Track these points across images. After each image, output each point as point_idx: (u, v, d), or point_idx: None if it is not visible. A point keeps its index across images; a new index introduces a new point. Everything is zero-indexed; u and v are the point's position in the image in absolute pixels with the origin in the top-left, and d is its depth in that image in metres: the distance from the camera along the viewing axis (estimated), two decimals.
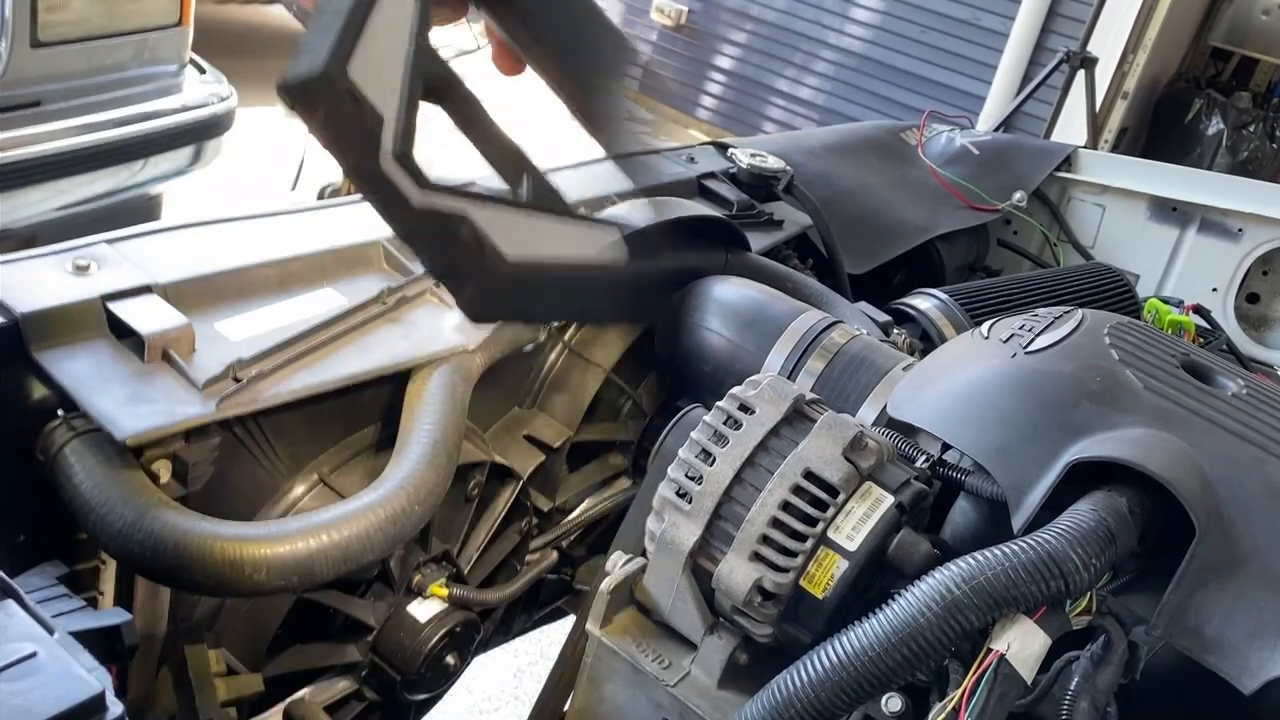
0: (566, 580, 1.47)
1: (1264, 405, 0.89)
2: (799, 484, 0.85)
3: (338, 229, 1.27)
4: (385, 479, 1.00)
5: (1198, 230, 2.37)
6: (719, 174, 1.78)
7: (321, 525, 0.93)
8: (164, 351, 1.00)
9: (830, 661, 0.75)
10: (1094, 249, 2.45)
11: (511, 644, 1.54)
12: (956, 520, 0.93)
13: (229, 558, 0.89)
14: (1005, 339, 0.96)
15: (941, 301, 1.71)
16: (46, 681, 0.60)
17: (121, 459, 0.92)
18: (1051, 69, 3.71)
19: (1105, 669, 0.77)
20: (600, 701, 0.94)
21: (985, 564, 0.73)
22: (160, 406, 0.97)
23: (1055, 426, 0.85)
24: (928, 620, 0.72)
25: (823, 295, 1.53)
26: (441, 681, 1.20)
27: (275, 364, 1.04)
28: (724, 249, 1.54)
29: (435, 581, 1.19)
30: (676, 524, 0.88)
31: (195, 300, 1.08)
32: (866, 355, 1.30)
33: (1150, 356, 0.90)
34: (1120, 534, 0.76)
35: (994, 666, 0.73)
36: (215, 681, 1.08)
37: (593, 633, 0.92)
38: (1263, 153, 5.88)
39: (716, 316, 1.40)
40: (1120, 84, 5.31)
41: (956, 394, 0.93)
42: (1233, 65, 6.49)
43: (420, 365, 1.14)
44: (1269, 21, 5.98)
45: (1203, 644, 0.76)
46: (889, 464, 0.88)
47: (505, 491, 1.31)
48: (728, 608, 0.87)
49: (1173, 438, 0.83)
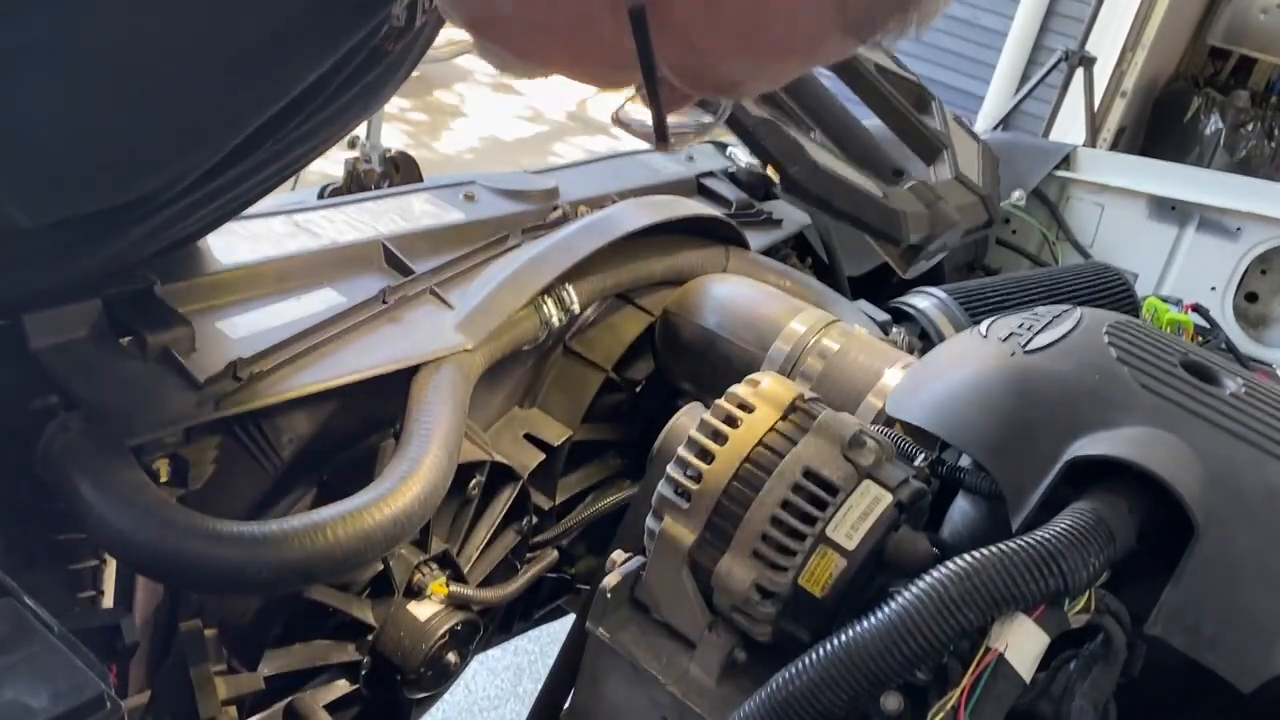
0: (566, 579, 1.48)
1: (1263, 404, 0.89)
2: (798, 482, 0.85)
3: (338, 229, 1.27)
4: (385, 478, 1.00)
5: (1196, 229, 2.37)
6: (718, 173, 1.78)
7: (322, 524, 0.93)
8: (164, 350, 1.00)
9: (828, 660, 0.75)
10: (1093, 248, 2.45)
11: (511, 643, 1.55)
12: (955, 519, 0.93)
13: (229, 557, 0.89)
14: (1004, 338, 0.96)
15: (940, 300, 1.71)
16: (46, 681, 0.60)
17: (121, 459, 0.92)
18: (1050, 68, 3.71)
19: (1104, 668, 0.77)
20: (599, 700, 0.94)
21: (984, 562, 0.74)
22: (161, 406, 0.97)
23: (1054, 425, 0.85)
24: (926, 619, 0.72)
25: (822, 294, 1.54)
26: (441, 680, 1.20)
27: (275, 363, 1.04)
28: (723, 247, 1.54)
29: (435, 581, 1.19)
30: (675, 523, 0.88)
31: (195, 299, 1.08)
32: (865, 354, 1.30)
33: (1149, 355, 0.90)
34: (1119, 532, 0.76)
35: (993, 665, 0.73)
36: (215, 681, 1.08)
37: (592, 631, 0.93)
38: (1261, 151, 5.88)
39: (715, 315, 1.40)
40: (1119, 83, 5.32)
41: (955, 393, 0.93)
42: (1231, 64, 6.48)
43: (420, 365, 1.14)
44: (1267, 21, 5.98)
45: (1201, 643, 0.76)
46: (888, 462, 0.88)
47: (505, 491, 1.31)
48: (727, 606, 0.87)
49: (1172, 436, 0.83)
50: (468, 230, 1.38)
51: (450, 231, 1.36)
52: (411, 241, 1.30)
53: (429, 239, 1.33)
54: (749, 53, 0.68)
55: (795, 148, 1.27)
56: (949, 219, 1.45)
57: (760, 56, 0.69)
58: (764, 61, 0.70)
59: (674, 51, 0.67)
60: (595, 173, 1.66)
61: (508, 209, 1.45)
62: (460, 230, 1.37)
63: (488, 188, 1.48)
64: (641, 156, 1.77)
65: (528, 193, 1.49)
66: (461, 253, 1.32)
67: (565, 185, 1.54)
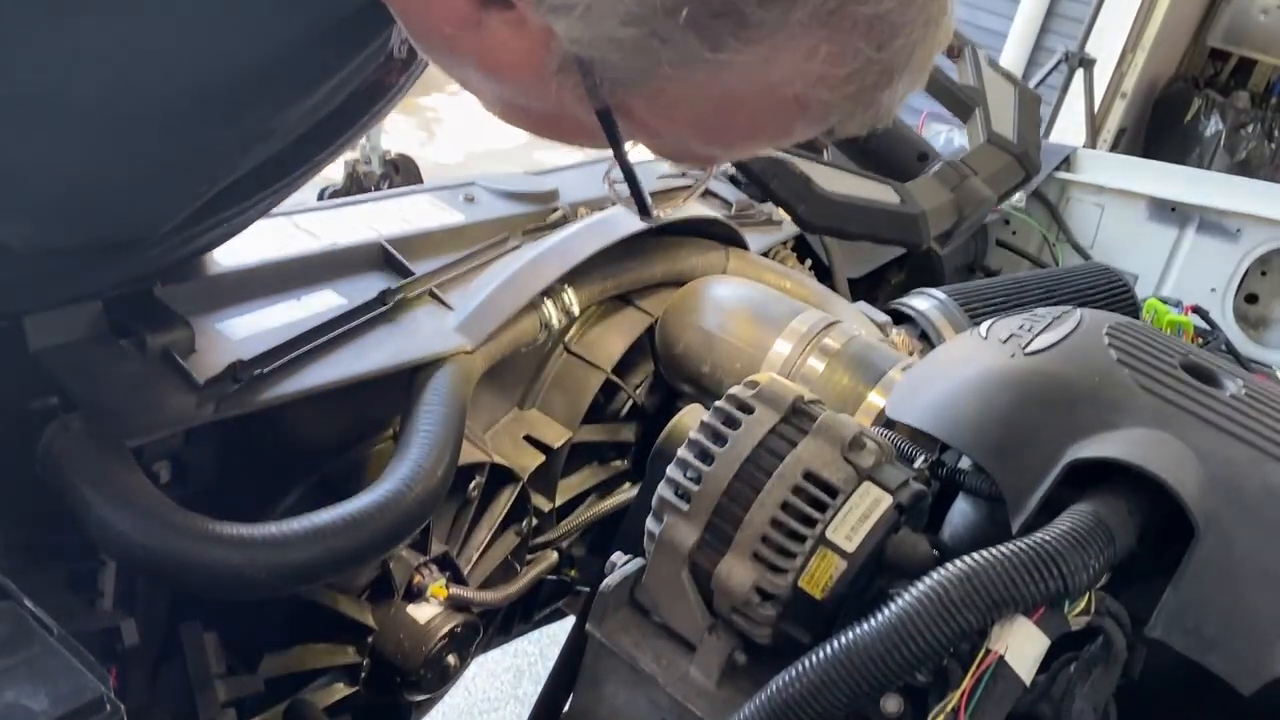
0: (566, 581, 1.47)
1: (1263, 406, 0.89)
2: (798, 484, 0.85)
3: (338, 229, 1.27)
4: (385, 479, 1.00)
5: (1196, 230, 2.38)
6: (718, 174, 1.78)
7: (322, 526, 0.93)
8: (164, 351, 1.00)
9: (828, 662, 0.75)
10: (1093, 249, 2.45)
11: (511, 644, 1.54)
12: (955, 521, 0.93)
13: (229, 559, 0.89)
14: (1004, 339, 0.96)
15: (940, 302, 1.72)
16: (46, 683, 0.60)
17: (121, 460, 0.92)
18: (1050, 69, 3.72)
19: (1104, 670, 0.77)
20: (599, 701, 0.94)
21: (984, 564, 0.73)
22: (161, 406, 0.97)
23: (1054, 427, 0.85)
24: (926, 621, 0.72)
25: (821, 295, 1.54)
26: (441, 682, 1.20)
27: (275, 364, 1.04)
28: (723, 249, 1.54)
29: (435, 582, 1.19)
30: (675, 524, 0.88)
31: (195, 301, 1.08)
32: (865, 355, 1.31)
33: (1149, 357, 0.90)
34: (1119, 534, 0.76)
35: (993, 667, 0.73)
36: (215, 682, 1.08)
37: (592, 633, 0.92)
38: (1261, 153, 5.88)
39: (715, 316, 1.40)
40: (1119, 84, 5.32)
41: (955, 394, 0.93)
42: (1231, 65, 6.48)
43: (420, 366, 1.14)
44: (1267, 22, 5.98)
45: (1201, 644, 0.76)
46: (888, 464, 0.88)
47: (505, 492, 1.31)
48: (726, 608, 0.87)
49: (1172, 438, 0.83)
50: (468, 232, 1.38)
51: (450, 233, 1.36)
52: (411, 243, 1.30)
53: (429, 240, 1.33)
54: (714, 144, 0.70)
55: (803, 184, 1.26)
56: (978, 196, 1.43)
57: (727, 147, 0.72)
58: (731, 150, 0.74)
59: (645, 138, 0.69)
60: (595, 174, 1.66)
61: (508, 210, 1.45)
62: (460, 232, 1.37)
63: (488, 189, 1.48)
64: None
65: (528, 194, 1.49)
66: (461, 254, 1.32)
67: (565, 187, 1.54)
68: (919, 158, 1.52)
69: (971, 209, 1.42)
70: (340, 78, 0.82)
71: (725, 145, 0.71)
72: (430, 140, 5.35)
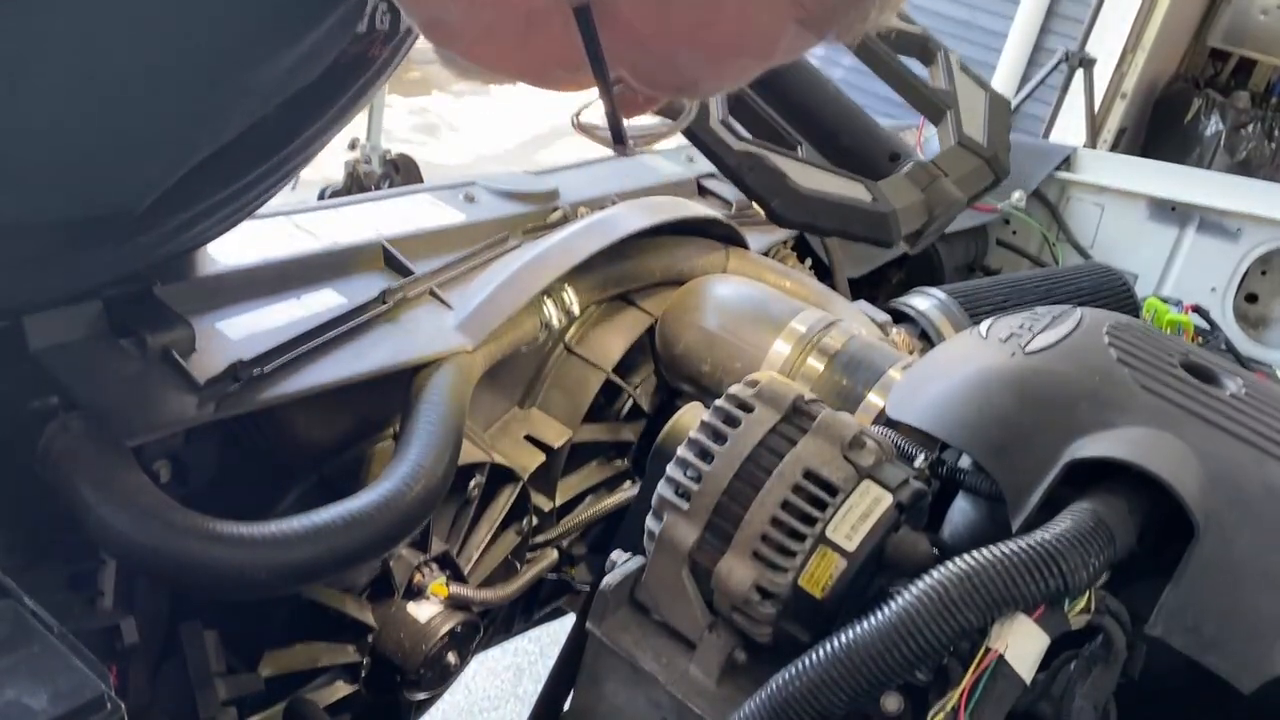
0: (566, 580, 1.48)
1: (1263, 405, 0.89)
2: (798, 483, 0.85)
3: (338, 228, 1.27)
4: (386, 479, 1.00)
5: (1196, 230, 2.37)
6: (718, 173, 1.78)
7: (322, 525, 0.93)
8: (164, 351, 1.00)
9: (828, 661, 0.75)
10: (1093, 249, 2.45)
11: (511, 644, 1.54)
12: (955, 519, 0.93)
13: (229, 558, 0.89)
14: (1004, 338, 0.96)
15: (940, 301, 1.72)
16: (46, 682, 0.60)
17: (122, 460, 0.92)
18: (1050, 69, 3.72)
19: (1104, 668, 0.77)
20: (599, 700, 0.94)
21: (984, 563, 0.73)
22: (161, 406, 0.97)
23: (1054, 426, 0.85)
24: (926, 619, 0.72)
25: (822, 294, 1.54)
26: (441, 681, 1.20)
27: (275, 364, 1.04)
28: (723, 248, 1.55)
29: (435, 581, 1.19)
30: (675, 523, 0.88)
31: (195, 300, 1.08)
32: (865, 354, 1.31)
33: (1149, 356, 0.90)
34: (1119, 533, 0.76)
35: (993, 666, 0.73)
36: (215, 681, 1.08)
37: (592, 631, 0.92)
38: (1261, 152, 5.88)
39: (715, 315, 1.40)
40: (1119, 84, 5.32)
41: (955, 393, 0.93)
42: (1231, 65, 6.48)
43: (420, 365, 1.14)
44: (1267, 22, 5.98)
45: (1201, 643, 0.76)
46: (888, 463, 0.88)
47: (505, 492, 1.31)
48: (727, 607, 0.87)
49: (1172, 437, 0.83)
50: (468, 231, 1.38)
51: (450, 232, 1.36)
52: (411, 242, 1.30)
53: (429, 240, 1.33)
54: (702, 49, 0.66)
55: (777, 179, 1.26)
56: (948, 198, 1.44)
57: (714, 53, 0.67)
58: (719, 58, 0.69)
59: (626, 50, 0.65)
60: (595, 174, 1.66)
61: (508, 210, 1.45)
62: (460, 231, 1.37)
63: (488, 189, 1.48)
64: (642, 158, 1.77)
65: (528, 194, 1.49)
66: (461, 254, 1.32)
67: (565, 186, 1.54)
68: (891, 158, 1.53)
69: (942, 209, 1.43)
70: (316, 36, 0.80)
71: (713, 53, 0.67)
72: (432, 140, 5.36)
